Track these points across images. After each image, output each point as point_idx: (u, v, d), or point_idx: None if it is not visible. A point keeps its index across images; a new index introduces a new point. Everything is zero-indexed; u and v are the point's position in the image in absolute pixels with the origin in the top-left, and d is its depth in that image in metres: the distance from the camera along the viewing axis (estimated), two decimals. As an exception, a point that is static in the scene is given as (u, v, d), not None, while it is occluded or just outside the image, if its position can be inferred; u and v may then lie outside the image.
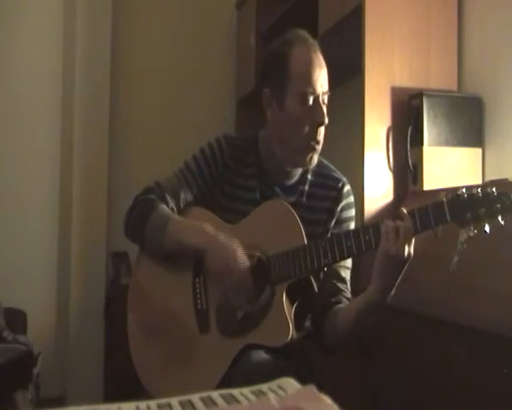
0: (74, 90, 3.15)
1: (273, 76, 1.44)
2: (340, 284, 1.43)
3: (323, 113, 1.39)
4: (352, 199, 1.51)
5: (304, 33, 1.45)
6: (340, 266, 1.43)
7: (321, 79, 1.39)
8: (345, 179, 1.51)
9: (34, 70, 3.18)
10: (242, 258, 1.33)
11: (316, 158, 1.45)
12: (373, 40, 1.97)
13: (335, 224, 1.46)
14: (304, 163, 1.45)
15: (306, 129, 1.40)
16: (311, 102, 1.38)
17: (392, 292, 1.24)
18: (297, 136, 1.41)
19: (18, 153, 3.13)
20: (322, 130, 1.41)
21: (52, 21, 3.22)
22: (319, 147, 1.43)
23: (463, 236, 1.16)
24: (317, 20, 2.34)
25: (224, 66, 3.57)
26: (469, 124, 1.97)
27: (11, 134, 3.12)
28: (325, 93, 1.40)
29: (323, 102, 1.40)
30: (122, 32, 3.35)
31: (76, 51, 3.15)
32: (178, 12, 3.48)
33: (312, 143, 1.41)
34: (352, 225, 1.49)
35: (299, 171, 1.49)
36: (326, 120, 1.39)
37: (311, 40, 1.44)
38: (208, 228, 1.38)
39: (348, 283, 1.45)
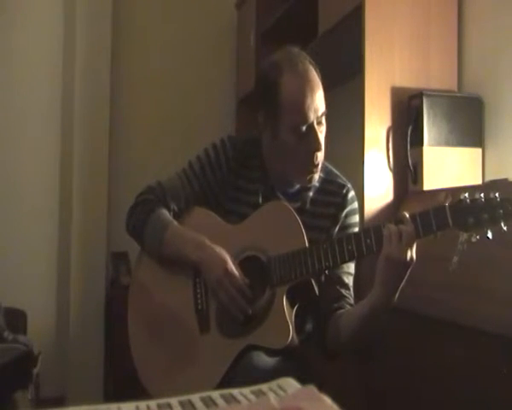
0: (74, 90, 3.15)
1: (265, 104, 1.42)
2: (343, 290, 1.41)
3: (318, 140, 1.36)
4: (356, 205, 1.50)
5: (295, 52, 1.40)
6: (343, 272, 1.42)
7: (314, 106, 1.34)
8: (349, 185, 1.50)
9: (34, 70, 3.18)
10: (236, 273, 1.33)
11: (316, 177, 1.43)
12: (373, 40, 1.97)
13: (339, 230, 1.45)
14: (303, 183, 1.45)
15: (302, 156, 1.38)
16: (304, 130, 1.35)
17: (396, 297, 1.23)
18: (293, 162, 1.41)
19: (18, 153, 3.13)
20: (319, 154, 1.39)
21: (52, 21, 3.22)
22: (318, 168, 1.42)
23: (463, 236, 1.16)
24: (317, 20, 2.34)
25: (224, 66, 3.57)
26: (469, 124, 1.96)
27: (11, 135, 3.12)
28: (320, 116, 1.37)
29: (320, 123, 1.37)
30: (122, 31, 3.36)
31: (76, 51, 3.16)
32: (178, 12, 3.48)
33: (310, 167, 1.40)
34: (356, 230, 1.47)
35: None
36: (322, 147, 1.37)
37: (302, 60, 1.38)
38: (203, 241, 1.39)
39: (351, 289, 1.44)
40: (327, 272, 1.39)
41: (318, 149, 1.37)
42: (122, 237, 1.57)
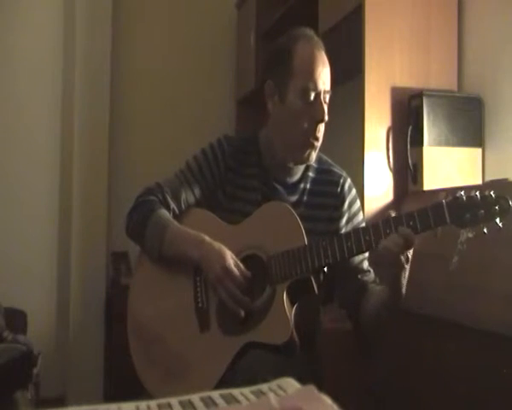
0: (74, 89, 3.15)
1: (277, 69, 1.45)
2: (365, 278, 1.46)
3: (324, 110, 1.40)
4: (354, 191, 1.53)
5: (310, 31, 1.47)
6: (359, 260, 1.45)
7: (323, 77, 1.40)
8: (345, 174, 1.53)
9: (34, 70, 3.18)
10: (235, 269, 1.34)
11: (314, 155, 1.46)
12: (373, 40, 1.97)
13: (347, 221, 1.49)
14: (301, 159, 1.46)
15: (306, 125, 1.41)
16: (312, 98, 1.39)
17: (403, 294, 1.28)
18: (296, 131, 1.42)
19: (18, 153, 3.13)
20: (321, 127, 1.42)
21: (52, 21, 3.22)
22: (318, 144, 1.44)
23: (463, 236, 1.17)
24: (317, 20, 2.34)
25: (223, 66, 3.57)
26: (469, 124, 1.96)
27: (11, 134, 3.13)
28: (327, 92, 1.42)
29: (324, 101, 1.41)
30: (122, 31, 3.35)
31: (76, 51, 3.16)
32: (178, 11, 3.48)
33: (311, 139, 1.42)
34: (361, 216, 1.52)
35: (301, 169, 1.50)
36: (326, 118, 1.40)
37: (316, 38, 1.46)
38: (203, 239, 1.39)
39: (371, 270, 1.48)
40: (326, 269, 1.39)
41: (322, 120, 1.40)
42: (122, 237, 1.57)
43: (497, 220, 1.16)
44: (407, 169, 1.96)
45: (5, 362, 1.90)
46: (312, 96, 1.39)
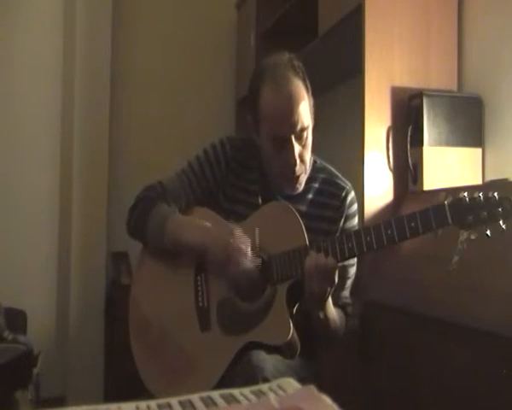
0: (74, 90, 3.15)
1: (249, 107, 1.44)
2: (346, 292, 1.51)
3: (293, 155, 1.37)
4: (355, 207, 1.52)
5: (281, 61, 1.39)
6: (349, 277, 1.49)
7: (291, 121, 1.34)
8: (349, 187, 1.51)
9: (34, 70, 3.18)
10: (243, 245, 1.33)
11: (299, 187, 1.46)
12: (373, 40, 1.96)
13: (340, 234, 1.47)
14: (288, 190, 1.46)
15: (281, 166, 1.41)
16: (281, 143, 1.37)
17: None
18: (275, 167, 1.43)
19: (18, 153, 3.13)
20: (297, 168, 1.40)
21: (52, 21, 3.22)
22: (299, 179, 1.44)
23: (463, 235, 1.16)
24: (317, 20, 2.34)
25: (223, 66, 3.57)
26: (469, 124, 1.96)
27: (11, 134, 3.12)
28: (299, 131, 1.36)
29: (300, 138, 1.38)
30: (122, 31, 3.36)
31: (76, 51, 3.15)
32: (178, 11, 3.48)
33: (288, 179, 1.43)
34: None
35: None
36: (297, 161, 1.38)
37: (285, 73, 1.36)
38: (206, 224, 1.39)
39: (349, 288, 1.51)
40: None
41: (293, 164, 1.39)
42: (122, 237, 1.57)
43: (501, 222, 1.14)
44: (407, 169, 1.96)
45: (5, 362, 1.90)
46: (281, 141, 1.37)
